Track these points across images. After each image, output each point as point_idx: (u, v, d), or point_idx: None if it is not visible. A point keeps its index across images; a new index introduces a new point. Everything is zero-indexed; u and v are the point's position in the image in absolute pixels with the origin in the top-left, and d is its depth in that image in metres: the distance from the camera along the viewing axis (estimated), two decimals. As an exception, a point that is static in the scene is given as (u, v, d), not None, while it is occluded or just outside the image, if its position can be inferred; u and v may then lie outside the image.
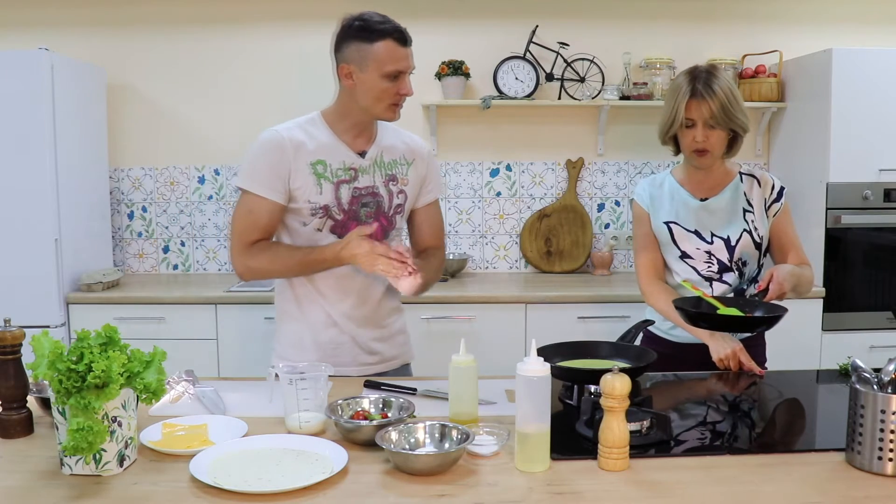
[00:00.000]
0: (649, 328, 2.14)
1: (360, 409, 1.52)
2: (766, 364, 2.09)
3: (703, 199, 2.09)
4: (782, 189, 2.09)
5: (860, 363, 1.38)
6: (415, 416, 1.50)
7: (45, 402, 1.53)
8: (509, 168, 3.80)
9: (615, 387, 1.29)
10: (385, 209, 1.94)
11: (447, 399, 1.60)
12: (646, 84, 3.63)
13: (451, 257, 3.67)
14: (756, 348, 2.08)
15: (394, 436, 1.37)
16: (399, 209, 1.97)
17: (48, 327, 2.45)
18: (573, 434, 1.48)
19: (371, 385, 1.81)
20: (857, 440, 1.30)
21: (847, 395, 1.33)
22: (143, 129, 3.76)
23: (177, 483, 1.26)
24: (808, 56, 3.45)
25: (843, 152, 3.27)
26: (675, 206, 2.11)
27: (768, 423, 1.67)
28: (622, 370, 1.33)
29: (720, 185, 2.09)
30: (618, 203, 3.84)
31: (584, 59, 3.65)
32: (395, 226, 1.98)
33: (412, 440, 1.39)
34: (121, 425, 1.29)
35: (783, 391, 1.85)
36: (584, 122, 3.77)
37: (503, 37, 3.66)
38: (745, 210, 2.07)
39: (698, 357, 2.00)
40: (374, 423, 1.42)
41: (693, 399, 1.81)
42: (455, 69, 3.54)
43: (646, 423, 1.44)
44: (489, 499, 1.21)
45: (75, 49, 3.58)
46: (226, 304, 3.21)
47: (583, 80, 3.65)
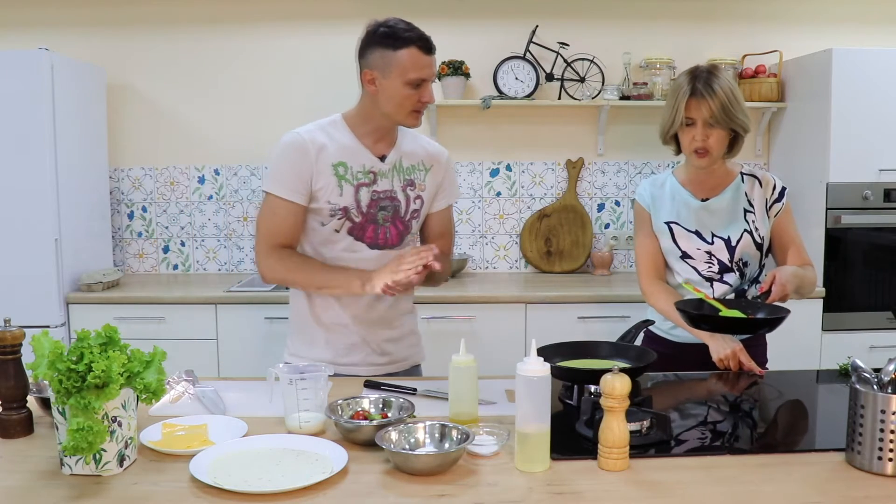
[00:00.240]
0: (650, 328, 2.14)
1: (360, 409, 1.52)
2: (767, 364, 2.09)
3: (704, 200, 2.09)
4: (784, 189, 2.09)
5: (860, 363, 1.38)
6: (415, 416, 1.50)
7: (45, 402, 1.53)
8: (509, 168, 3.80)
9: (615, 387, 1.29)
10: (402, 214, 1.96)
11: (447, 399, 1.60)
12: (646, 84, 3.62)
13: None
14: (757, 349, 2.08)
15: (394, 436, 1.37)
16: (415, 214, 1.99)
17: (48, 327, 2.45)
18: (573, 434, 1.48)
19: (371, 385, 1.81)
20: (857, 440, 1.30)
21: (847, 395, 1.33)
22: (143, 129, 3.76)
23: (177, 483, 1.26)
24: (808, 56, 3.45)
25: (843, 152, 3.27)
26: (676, 206, 2.10)
27: (768, 423, 1.67)
28: (622, 370, 1.33)
29: (721, 185, 2.09)
30: (618, 203, 3.84)
31: (584, 59, 3.65)
32: (411, 230, 2.00)
33: (412, 440, 1.39)
34: (121, 425, 1.29)
35: (783, 391, 1.85)
36: (584, 122, 3.77)
37: (503, 37, 3.66)
38: (745, 210, 2.07)
39: (699, 357, 2.00)
40: (374, 423, 1.42)
41: (693, 399, 1.81)
42: (455, 69, 3.53)
43: (646, 423, 1.44)
44: (489, 499, 1.21)
45: (75, 49, 3.58)
46: (226, 304, 3.21)
47: (583, 80, 3.65)
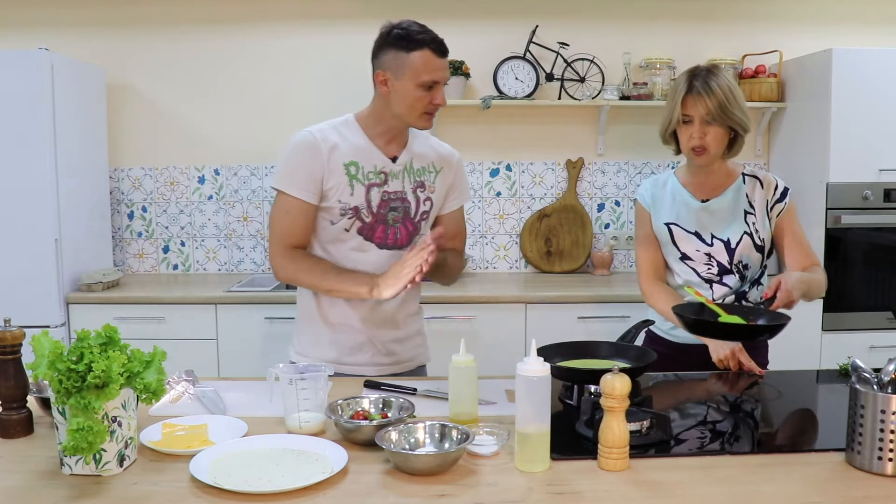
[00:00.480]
0: (650, 328, 2.14)
1: (360, 409, 1.52)
2: (767, 365, 2.09)
3: (705, 201, 2.08)
4: (786, 190, 2.07)
5: (860, 363, 1.38)
6: (415, 416, 1.50)
7: (45, 402, 1.53)
8: (509, 168, 3.80)
9: (615, 387, 1.29)
10: (412, 215, 1.96)
11: (447, 399, 1.60)
12: (646, 84, 3.62)
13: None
14: (758, 350, 2.07)
15: (394, 436, 1.37)
16: (425, 216, 1.99)
17: (48, 327, 2.45)
18: (573, 434, 1.48)
19: (371, 385, 1.81)
20: (857, 440, 1.30)
21: (847, 395, 1.33)
22: (143, 129, 3.76)
23: (177, 483, 1.26)
24: (808, 56, 3.45)
25: (843, 152, 3.27)
26: (677, 206, 2.10)
27: (768, 423, 1.67)
28: (622, 370, 1.33)
29: (722, 186, 2.08)
30: (618, 203, 3.84)
31: (584, 59, 3.65)
32: (421, 232, 2.00)
33: (412, 440, 1.39)
34: (121, 425, 1.29)
35: (783, 391, 1.85)
36: (583, 122, 3.77)
37: (503, 37, 3.66)
38: (746, 212, 2.06)
39: (698, 357, 2.00)
40: (374, 423, 1.42)
41: (693, 399, 1.81)
42: (455, 69, 3.53)
43: (646, 423, 1.44)
44: (489, 499, 1.21)
45: (75, 49, 3.58)
46: (226, 304, 3.21)
47: (583, 80, 3.65)
